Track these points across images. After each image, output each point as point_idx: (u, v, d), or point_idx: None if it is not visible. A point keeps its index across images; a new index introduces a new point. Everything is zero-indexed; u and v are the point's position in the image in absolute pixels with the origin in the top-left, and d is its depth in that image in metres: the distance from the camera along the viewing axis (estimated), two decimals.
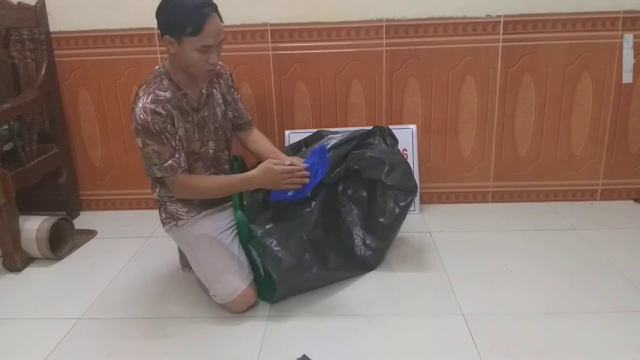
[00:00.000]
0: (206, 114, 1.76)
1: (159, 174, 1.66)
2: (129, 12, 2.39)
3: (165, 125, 1.61)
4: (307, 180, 1.72)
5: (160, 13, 1.58)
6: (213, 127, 1.79)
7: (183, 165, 1.66)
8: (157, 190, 1.80)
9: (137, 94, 1.64)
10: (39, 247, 2.11)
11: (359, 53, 2.40)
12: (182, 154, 1.66)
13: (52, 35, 2.43)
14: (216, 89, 1.81)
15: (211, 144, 1.79)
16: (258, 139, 1.97)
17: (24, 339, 1.67)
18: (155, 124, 1.59)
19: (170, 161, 1.63)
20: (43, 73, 2.38)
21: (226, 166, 1.88)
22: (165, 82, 1.65)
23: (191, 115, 1.71)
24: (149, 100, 1.60)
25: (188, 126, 1.70)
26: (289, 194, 1.74)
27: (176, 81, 1.67)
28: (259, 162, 1.80)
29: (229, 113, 1.88)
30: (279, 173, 1.69)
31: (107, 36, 2.43)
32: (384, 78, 2.42)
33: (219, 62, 1.77)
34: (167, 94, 1.64)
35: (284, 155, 1.87)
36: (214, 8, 1.58)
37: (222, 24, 1.61)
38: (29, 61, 2.40)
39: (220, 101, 1.83)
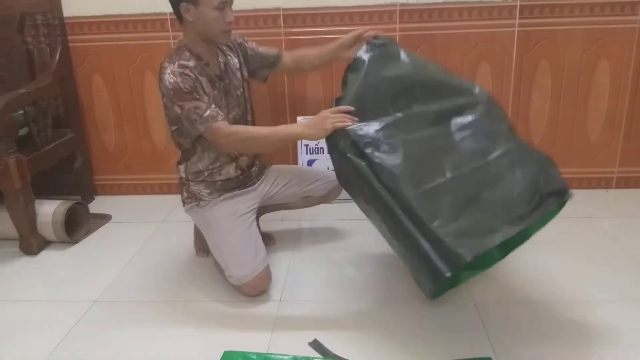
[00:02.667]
0: (228, 81, 1.79)
1: (202, 128, 1.63)
2: None
3: (196, 84, 1.63)
4: (353, 119, 1.54)
5: None
6: (236, 94, 1.81)
7: (222, 113, 1.65)
8: (183, 167, 1.82)
9: (161, 66, 1.66)
10: (55, 230, 2.14)
11: None
12: (217, 107, 1.66)
13: (65, 21, 2.44)
14: (230, 55, 1.83)
15: (237, 110, 1.81)
16: (299, 56, 1.99)
17: (40, 321, 1.70)
18: (186, 84, 1.61)
19: (208, 111, 1.62)
20: (57, 58, 2.39)
21: None
22: (187, 54, 1.68)
23: (217, 83, 1.74)
24: (175, 66, 1.63)
25: (216, 92, 1.72)
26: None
27: (197, 52, 1.70)
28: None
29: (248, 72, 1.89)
30: (327, 111, 1.58)
31: (120, 21, 2.43)
32: None
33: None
34: (191, 63, 1.66)
35: (339, 40, 1.86)
36: None
37: None
38: (44, 46, 2.41)
39: (238, 66, 1.85)
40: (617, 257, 1.92)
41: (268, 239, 2.11)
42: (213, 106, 1.64)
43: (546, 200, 1.40)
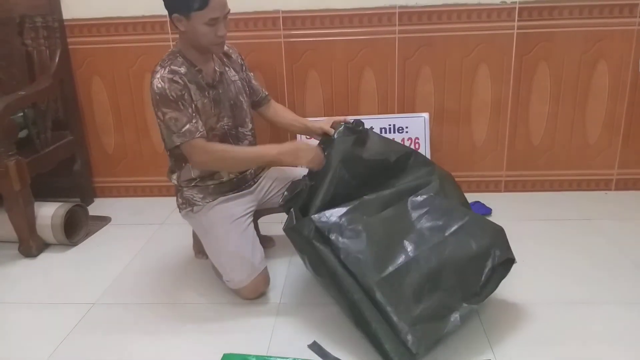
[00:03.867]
0: (221, 91, 1.77)
1: (178, 141, 1.64)
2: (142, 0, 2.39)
3: (183, 93, 1.63)
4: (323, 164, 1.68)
5: None
6: (229, 104, 1.80)
7: (201, 130, 1.65)
8: (176, 175, 1.81)
9: (153, 70, 1.66)
10: (54, 233, 2.14)
11: (371, 40, 2.38)
12: (200, 122, 1.66)
13: (65, 23, 2.44)
14: (228, 67, 1.83)
15: (226, 120, 1.79)
16: (280, 111, 2.00)
17: (39, 323, 1.70)
18: (173, 91, 1.61)
19: (187, 126, 1.63)
20: (57, 61, 2.39)
21: (246, 142, 1.87)
22: (180, 59, 1.68)
23: (207, 91, 1.73)
24: (166, 71, 1.63)
25: (205, 101, 1.71)
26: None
27: (190, 58, 1.69)
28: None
29: (247, 89, 1.89)
30: (305, 145, 1.68)
31: (119, 24, 2.43)
32: (396, 66, 2.41)
33: (227, 44, 1.81)
34: (182, 69, 1.66)
35: (311, 123, 1.89)
36: None
37: None
38: (43, 49, 2.41)
39: (235, 78, 1.84)
40: (616, 259, 1.92)
41: (268, 241, 2.11)
42: (194, 121, 1.64)
43: (497, 270, 1.52)
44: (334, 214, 1.55)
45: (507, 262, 1.53)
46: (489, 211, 2.30)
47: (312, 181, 1.68)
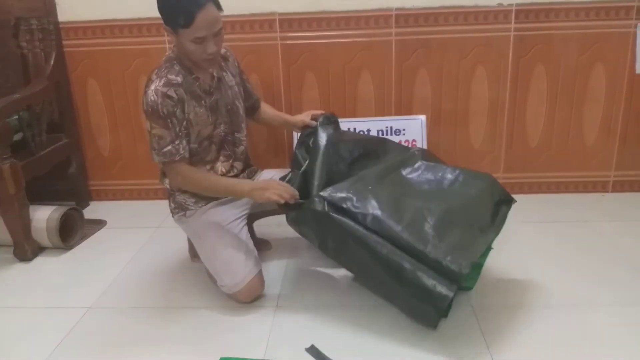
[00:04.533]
0: (218, 97, 1.76)
1: (156, 159, 1.66)
2: (137, 2, 2.38)
3: (175, 110, 1.61)
4: (295, 196, 1.66)
5: (158, 4, 1.58)
6: (225, 110, 1.79)
7: (182, 153, 1.65)
8: (168, 179, 1.80)
9: (149, 78, 1.65)
10: (49, 236, 2.12)
11: (368, 43, 2.38)
12: (184, 143, 1.66)
13: (60, 25, 2.43)
14: (226, 71, 1.81)
15: (223, 127, 1.78)
16: (265, 109, 2.03)
17: (34, 327, 1.69)
18: (164, 107, 1.59)
19: (169, 147, 1.63)
20: (52, 63, 2.38)
21: (241, 147, 1.87)
22: (177, 67, 1.65)
23: (204, 99, 1.71)
24: (161, 83, 1.60)
25: (201, 110, 1.70)
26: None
27: (187, 65, 1.67)
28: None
29: (242, 94, 1.89)
30: (277, 182, 1.70)
31: (115, 26, 2.42)
32: (393, 68, 2.40)
33: (224, 46, 1.78)
34: (179, 79, 1.64)
35: (291, 117, 1.99)
36: None
37: (220, 12, 1.58)
38: (38, 51, 2.40)
39: (232, 83, 1.82)
40: (614, 260, 1.92)
41: (264, 244, 2.10)
42: (177, 142, 1.63)
43: (500, 207, 1.66)
44: (337, 189, 1.62)
45: (507, 200, 1.69)
46: None
47: (300, 168, 1.79)
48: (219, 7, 1.58)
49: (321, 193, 1.61)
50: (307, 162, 1.80)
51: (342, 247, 1.61)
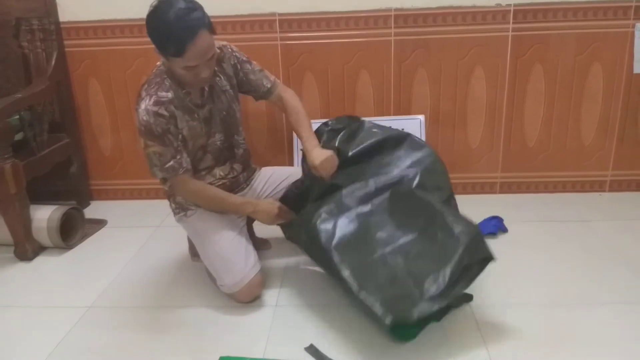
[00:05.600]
0: (212, 107, 1.74)
1: (160, 175, 1.66)
2: (138, 2, 2.36)
3: (168, 127, 1.60)
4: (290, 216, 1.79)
5: (147, 29, 1.51)
6: (220, 118, 1.77)
7: (185, 166, 1.66)
8: (168, 182, 1.81)
9: (139, 94, 1.62)
10: (50, 236, 2.13)
11: (367, 43, 2.38)
12: (184, 155, 1.66)
13: (61, 26, 2.44)
14: (219, 77, 1.74)
15: (218, 136, 1.77)
16: (288, 111, 1.85)
17: (34, 326, 1.70)
18: (158, 126, 1.58)
19: (171, 162, 1.63)
20: (53, 63, 2.39)
21: (241, 150, 1.87)
22: (167, 82, 1.62)
23: (196, 113, 1.69)
24: (151, 102, 1.57)
25: (194, 123, 1.69)
26: None
27: (178, 80, 1.63)
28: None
29: (238, 96, 1.85)
30: (276, 206, 1.75)
31: (116, 26, 2.43)
32: (392, 68, 2.41)
33: (221, 43, 1.73)
34: (169, 95, 1.61)
35: (305, 148, 1.78)
36: (201, 23, 1.47)
37: (214, 37, 1.53)
38: (39, 51, 2.41)
39: (227, 87, 1.77)
40: (611, 259, 1.93)
41: (263, 243, 2.11)
42: (178, 157, 1.63)
43: (472, 268, 1.46)
44: (324, 221, 1.62)
45: (484, 260, 1.48)
46: (504, 230, 2.18)
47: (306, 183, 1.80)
48: (213, 31, 1.52)
49: (312, 221, 1.62)
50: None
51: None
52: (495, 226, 2.15)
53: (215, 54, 1.56)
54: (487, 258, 1.46)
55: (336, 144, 1.80)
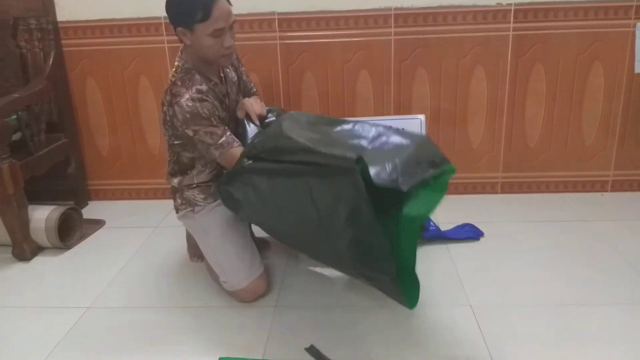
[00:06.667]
0: (230, 96, 1.78)
1: (217, 153, 1.63)
2: (136, 1, 2.38)
3: (214, 110, 1.63)
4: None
5: (169, 6, 1.60)
6: (232, 109, 1.80)
7: (237, 140, 1.65)
8: (177, 180, 1.80)
9: (174, 92, 1.62)
10: (48, 236, 2.12)
11: (367, 42, 2.38)
12: (232, 136, 1.65)
13: (59, 25, 2.43)
14: (229, 69, 1.82)
15: (232, 125, 1.78)
16: None
17: (33, 327, 1.69)
18: (205, 109, 1.60)
19: (224, 137, 1.62)
20: (51, 63, 2.38)
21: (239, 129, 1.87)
22: (197, 77, 1.65)
23: (224, 102, 1.73)
24: (193, 91, 1.61)
25: (224, 114, 1.71)
26: None
27: (204, 73, 1.68)
28: None
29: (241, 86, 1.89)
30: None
31: (114, 26, 2.42)
32: (392, 68, 2.40)
33: None
34: (204, 87, 1.65)
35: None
36: None
37: (231, 6, 1.61)
38: (37, 51, 2.40)
39: (235, 79, 1.84)
40: (612, 260, 1.92)
41: (263, 244, 2.10)
42: (228, 133, 1.64)
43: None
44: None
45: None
46: (480, 234, 2.14)
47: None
48: (229, 1, 1.61)
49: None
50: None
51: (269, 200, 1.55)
52: (470, 232, 2.12)
53: (234, 22, 1.62)
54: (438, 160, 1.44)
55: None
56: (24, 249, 2.10)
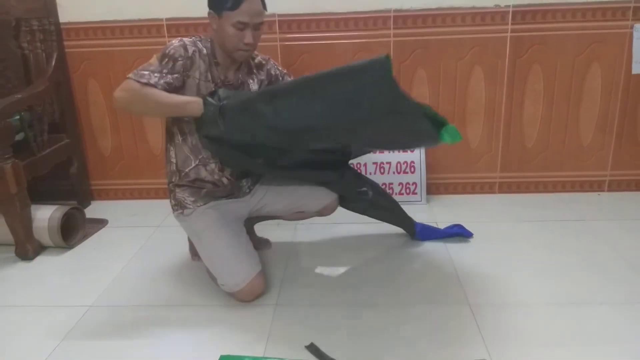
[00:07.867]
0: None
1: (129, 74, 1.60)
2: (138, 3, 2.40)
3: (180, 60, 1.64)
4: None
5: None
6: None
7: (152, 82, 1.59)
8: (167, 170, 1.82)
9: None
10: (50, 235, 2.14)
11: (366, 44, 2.39)
12: (162, 81, 1.60)
13: (62, 26, 2.45)
14: (253, 80, 1.82)
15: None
16: None
17: (35, 326, 1.70)
18: (176, 52, 1.63)
19: (147, 72, 1.60)
20: (53, 64, 2.39)
21: None
22: (208, 44, 1.71)
23: (215, 83, 1.72)
24: (190, 39, 1.68)
25: (208, 84, 1.70)
26: None
27: (215, 53, 1.72)
28: None
29: None
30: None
31: (116, 27, 2.44)
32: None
33: (264, 56, 1.84)
34: (205, 50, 1.69)
35: None
36: None
37: (264, 11, 1.67)
38: (39, 52, 2.42)
39: (255, 87, 1.82)
40: (610, 259, 1.94)
41: (264, 243, 2.12)
42: (157, 75, 1.60)
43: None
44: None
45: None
46: (469, 234, 2.14)
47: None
48: (264, 6, 1.67)
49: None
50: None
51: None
52: (460, 231, 2.12)
53: (262, 25, 1.68)
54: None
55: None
56: (27, 248, 2.12)
